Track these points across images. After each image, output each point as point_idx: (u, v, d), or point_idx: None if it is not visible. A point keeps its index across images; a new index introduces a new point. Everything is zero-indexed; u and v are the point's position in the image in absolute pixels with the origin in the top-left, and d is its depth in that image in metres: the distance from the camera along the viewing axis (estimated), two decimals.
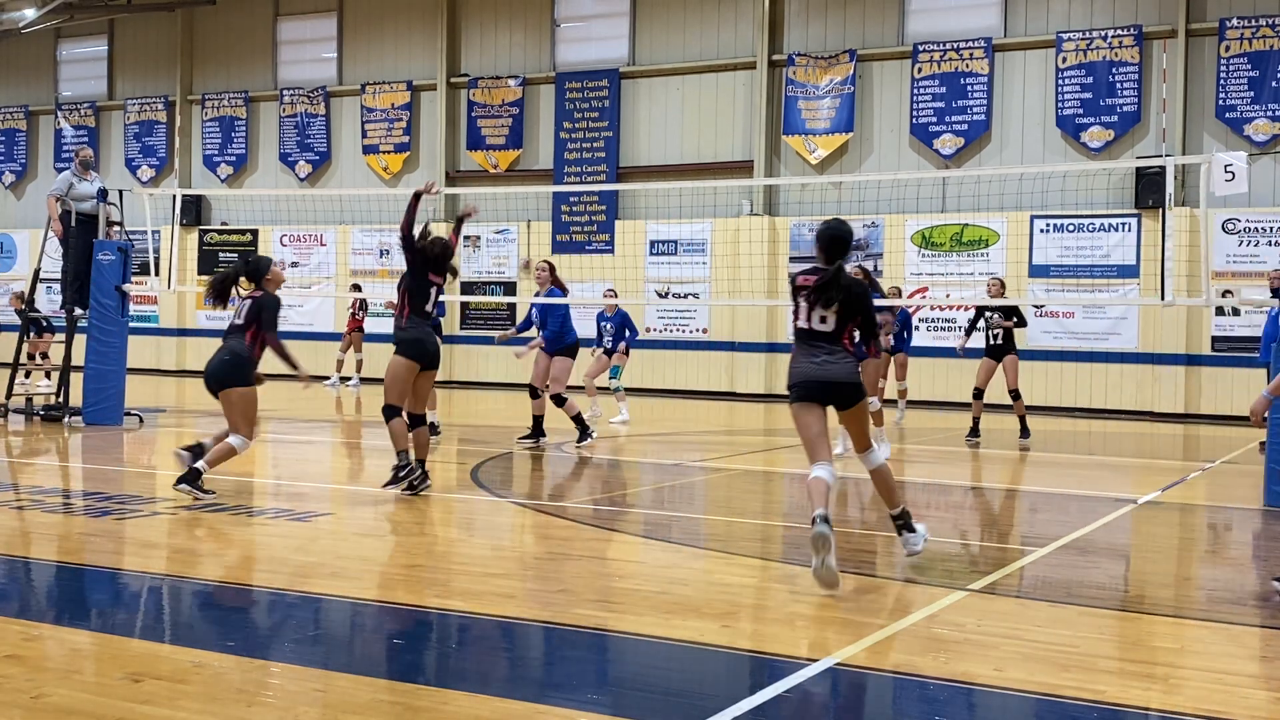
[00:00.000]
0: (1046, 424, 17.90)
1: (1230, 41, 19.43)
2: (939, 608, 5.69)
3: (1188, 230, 18.82)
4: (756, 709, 4.18)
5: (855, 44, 21.86)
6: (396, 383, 8.92)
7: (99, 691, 4.22)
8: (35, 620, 5.33)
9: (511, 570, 6.60)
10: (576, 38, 24.19)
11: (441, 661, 4.94)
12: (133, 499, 8.62)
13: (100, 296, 14.04)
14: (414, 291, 9.06)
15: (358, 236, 25.47)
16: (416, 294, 9.06)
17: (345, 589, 5.99)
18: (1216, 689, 4.54)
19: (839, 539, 7.99)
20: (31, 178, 29.51)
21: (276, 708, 4.09)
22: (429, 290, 9.11)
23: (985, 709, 4.41)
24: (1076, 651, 5.08)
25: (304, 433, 14.19)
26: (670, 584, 6.24)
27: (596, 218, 23.58)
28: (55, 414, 14.01)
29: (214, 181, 27.15)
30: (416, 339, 8.98)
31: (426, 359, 9.00)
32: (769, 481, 11.26)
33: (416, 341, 8.97)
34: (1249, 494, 10.13)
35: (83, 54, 29.23)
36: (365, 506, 8.91)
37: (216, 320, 28.09)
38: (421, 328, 9.03)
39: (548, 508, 8.71)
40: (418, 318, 9.03)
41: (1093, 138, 20.18)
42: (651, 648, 5.04)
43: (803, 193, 22.24)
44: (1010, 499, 10.45)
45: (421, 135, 25.27)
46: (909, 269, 21.20)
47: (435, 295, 9.16)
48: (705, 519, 8.83)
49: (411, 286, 9.07)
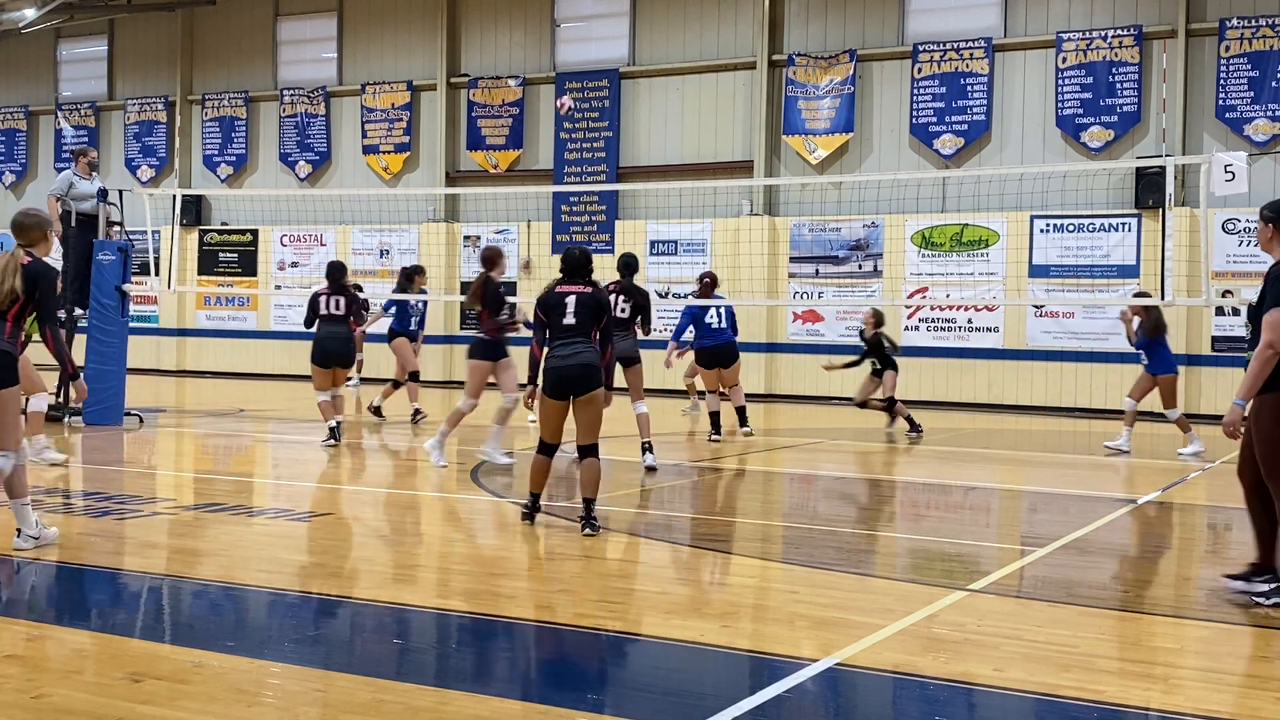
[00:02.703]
0: (1047, 424, 17.91)
1: (1230, 41, 19.42)
2: (939, 608, 5.69)
3: (1188, 230, 18.83)
4: (756, 709, 4.18)
5: (855, 44, 21.86)
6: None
7: (99, 691, 4.22)
8: (35, 620, 5.33)
9: (511, 570, 6.60)
10: (576, 38, 24.19)
11: (441, 661, 4.95)
12: (133, 499, 8.62)
13: (100, 296, 14.04)
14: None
15: (358, 236, 25.46)
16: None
17: (345, 589, 6.00)
18: (1216, 689, 4.54)
19: (831, 538, 8.00)
20: (31, 178, 29.51)
21: (276, 708, 4.09)
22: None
23: (985, 709, 4.41)
24: (1076, 651, 5.08)
25: (304, 433, 14.20)
26: (670, 584, 6.24)
27: (596, 218, 23.58)
28: (55, 414, 14.02)
29: (214, 181, 27.15)
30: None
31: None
32: (769, 481, 11.26)
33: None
34: None
35: (83, 54, 29.22)
36: (365, 506, 8.91)
37: (217, 320, 28.14)
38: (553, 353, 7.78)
39: (548, 508, 8.71)
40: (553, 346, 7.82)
41: (1093, 138, 20.18)
42: (651, 648, 5.05)
43: (803, 193, 22.24)
44: (1010, 499, 10.45)
45: (421, 135, 25.27)
46: (909, 269, 21.20)
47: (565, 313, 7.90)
48: (705, 519, 8.83)
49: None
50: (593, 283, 7.87)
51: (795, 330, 22.11)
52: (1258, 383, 5.90)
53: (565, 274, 7.87)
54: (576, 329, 7.63)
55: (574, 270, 7.85)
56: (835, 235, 21.74)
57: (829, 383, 20.85)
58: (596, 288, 7.85)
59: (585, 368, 7.54)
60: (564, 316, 7.66)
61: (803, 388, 21.88)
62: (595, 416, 7.61)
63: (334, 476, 10.83)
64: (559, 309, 7.69)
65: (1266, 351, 5.85)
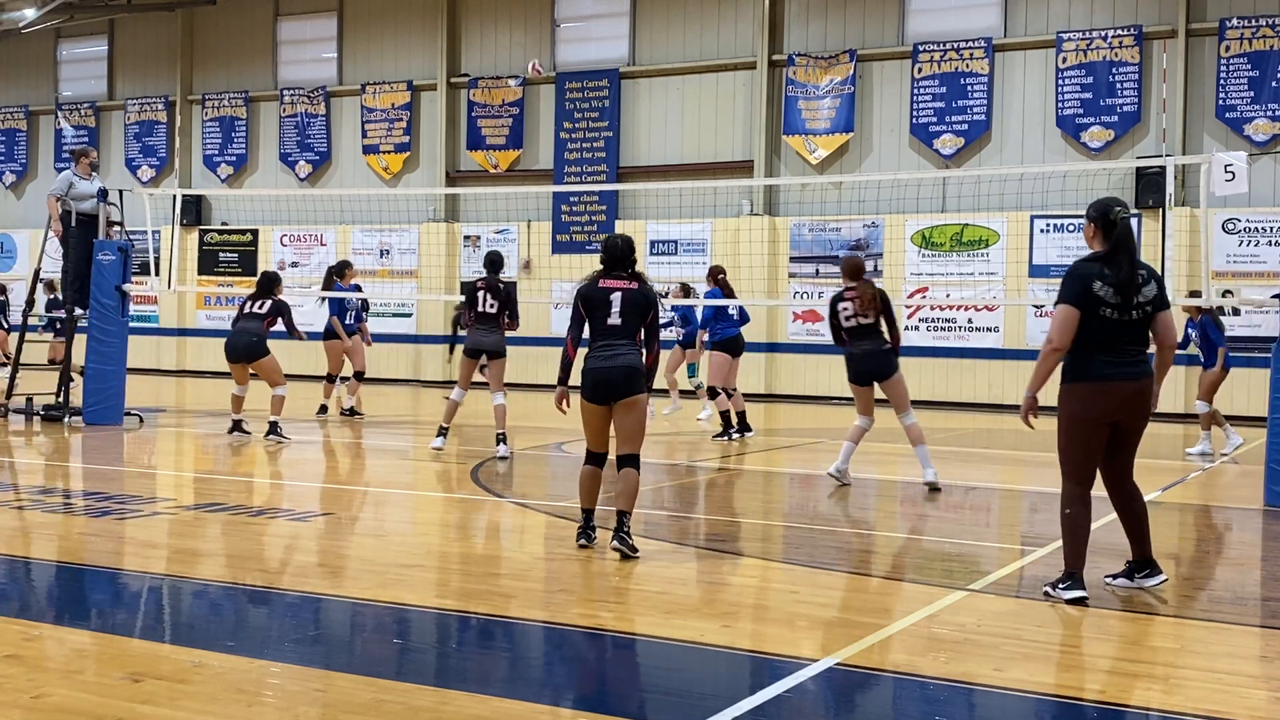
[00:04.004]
0: (1047, 424, 17.88)
1: (1230, 41, 19.42)
2: (939, 608, 5.69)
3: (1188, 230, 18.83)
4: (756, 709, 4.18)
5: (855, 44, 21.86)
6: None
7: (99, 691, 4.22)
8: (35, 620, 5.33)
9: (511, 570, 6.60)
10: (576, 38, 24.19)
11: (441, 661, 4.94)
12: (133, 499, 8.62)
13: (100, 296, 14.04)
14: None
15: (358, 236, 25.46)
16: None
17: (345, 589, 5.99)
18: (1216, 689, 4.54)
19: (834, 538, 8.00)
20: (31, 178, 29.52)
21: (276, 708, 4.09)
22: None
23: (985, 709, 4.40)
24: (1076, 651, 5.08)
25: (304, 433, 14.19)
26: (670, 584, 6.24)
27: (596, 218, 23.58)
28: (55, 414, 14.02)
29: (214, 181, 27.15)
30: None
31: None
32: (769, 481, 11.26)
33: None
34: (1249, 494, 10.13)
35: (83, 54, 29.23)
36: (366, 506, 8.91)
37: (217, 320, 28.11)
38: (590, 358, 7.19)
39: (548, 508, 8.71)
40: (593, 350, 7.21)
41: (1093, 138, 20.18)
42: (651, 648, 5.04)
43: (803, 193, 22.24)
44: (1010, 499, 10.44)
45: (421, 135, 25.27)
46: (909, 269, 21.20)
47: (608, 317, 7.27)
48: (705, 519, 8.83)
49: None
50: (638, 276, 7.10)
51: (795, 330, 22.11)
52: (1039, 378, 6.03)
53: (607, 265, 7.10)
54: (621, 329, 6.95)
55: (616, 261, 7.09)
56: (835, 235, 21.74)
57: (829, 383, 20.85)
58: (643, 283, 7.08)
59: (628, 370, 6.88)
60: (609, 316, 6.96)
61: (803, 388, 21.88)
62: (637, 423, 6.96)
63: (334, 476, 10.83)
64: (604, 306, 6.98)
65: (1047, 347, 5.96)
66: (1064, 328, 5.89)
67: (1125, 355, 5.90)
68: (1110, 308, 5.85)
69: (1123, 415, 5.95)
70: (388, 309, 24.97)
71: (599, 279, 7.10)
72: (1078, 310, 5.87)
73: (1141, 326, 5.93)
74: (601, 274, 7.13)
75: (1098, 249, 6.03)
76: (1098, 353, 5.89)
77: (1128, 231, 5.98)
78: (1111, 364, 5.89)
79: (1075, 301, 5.89)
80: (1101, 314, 5.85)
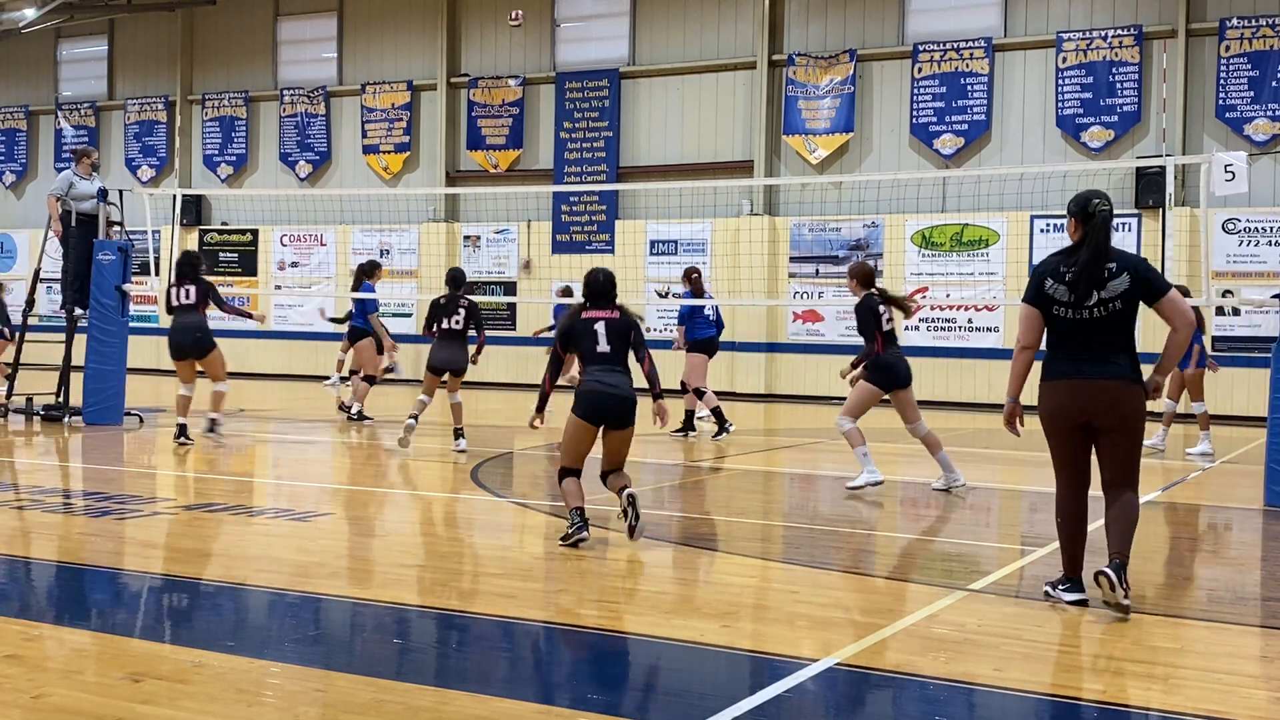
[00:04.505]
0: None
1: (1230, 41, 19.42)
2: (939, 608, 5.69)
3: (1188, 230, 18.82)
4: (756, 709, 4.18)
5: (855, 44, 21.86)
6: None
7: (99, 691, 4.22)
8: (35, 620, 5.33)
9: (511, 570, 6.60)
10: (576, 38, 24.19)
11: (441, 661, 4.95)
12: (133, 499, 8.62)
13: (100, 296, 14.04)
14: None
15: (358, 236, 25.46)
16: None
17: (345, 589, 6.00)
18: (1216, 689, 4.54)
19: (834, 538, 8.00)
20: (31, 178, 29.51)
21: (276, 708, 4.09)
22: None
23: (985, 709, 4.41)
24: (1076, 651, 5.08)
25: (304, 433, 14.19)
26: (670, 584, 6.24)
27: (596, 218, 23.58)
28: (55, 414, 14.02)
29: (214, 181, 27.15)
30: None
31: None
32: (769, 481, 11.26)
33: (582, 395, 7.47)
34: (1249, 494, 10.13)
35: (83, 54, 29.23)
36: (365, 506, 8.91)
37: (217, 320, 27.95)
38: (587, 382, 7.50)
39: (548, 508, 8.71)
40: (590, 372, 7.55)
41: (1093, 138, 20.18)
42: (651, 648, 5.05)
43: (803, 193, 22.24)
44: (1010, 499, 10.45)
45: (422, 135, 25.27)
46: (909, 269, 21.20)
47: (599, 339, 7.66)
48: (705, 519, 8.83)
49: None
50: (619, 307, 7.57)
51: (795, 330, 22.11)
52: (1012, 378, 6.00)
53: (590, 299, 7.56)
54: (612, 355, 7.41)
55: (599, 295, 7.55)
56: (835, 235, 21.74)
57: (829, 383, 20.84)
58: (624, 313, 7.56)
59: (626, 401, 7.32)
60: (597, 344, 7.40)
61: (803, 388, 21.87)
62: (626, 445, 7.51)
63: (334, 476, 10.84)
64: (590, 337, 7.41)
65: (1015, 346, 5.98)
66: (1024, 326, 5.89)
67: (1086, 354, 5.71)
68: (1062, 306, 5.73)
69: (1092, 416, 5.71)
70: (388, 309, 24.95)
71: (581, 312, 7.53)
72: (1034, 309, 5.83)
73: (1109, 324, 5.68)
74: (584, 307, 7.56)
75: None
76: (1057, 350, 5.83)
77: (1100, 225, 5.82)
78: (1069, 362, 5.77)
79: (1030, 300, 5.86)
80: (1055, 313, 5.76)
